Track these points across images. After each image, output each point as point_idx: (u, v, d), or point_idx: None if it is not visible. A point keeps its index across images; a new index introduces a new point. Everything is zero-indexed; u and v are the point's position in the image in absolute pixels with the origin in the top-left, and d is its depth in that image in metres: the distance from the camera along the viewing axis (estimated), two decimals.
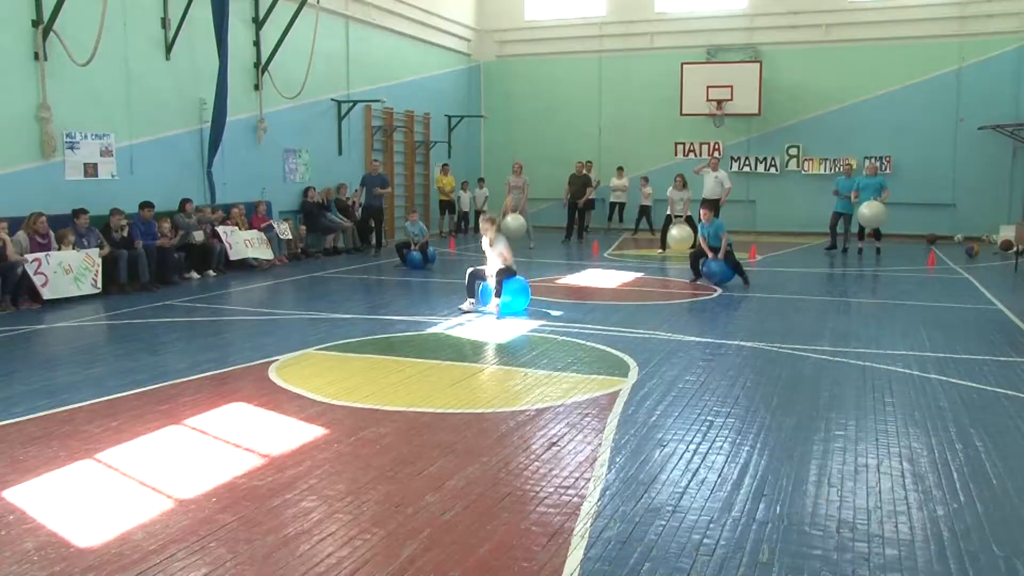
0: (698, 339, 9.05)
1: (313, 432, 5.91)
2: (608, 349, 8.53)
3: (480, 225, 11.19)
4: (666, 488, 4.85)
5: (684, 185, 18.17)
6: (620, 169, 23.08)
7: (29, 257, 11.53)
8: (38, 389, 7.17)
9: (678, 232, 17.62)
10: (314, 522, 4.39)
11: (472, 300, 10.83)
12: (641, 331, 9.46)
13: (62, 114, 12.76)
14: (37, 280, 11.57)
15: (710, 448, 5.56)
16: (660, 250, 18.16)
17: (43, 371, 7.95)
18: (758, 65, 22.10)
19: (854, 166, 20.54)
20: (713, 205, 18.47)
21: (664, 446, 5.60)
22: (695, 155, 22.69)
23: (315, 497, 4.72)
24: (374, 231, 18.83)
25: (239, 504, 4.64)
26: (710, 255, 12.96)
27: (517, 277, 10.78)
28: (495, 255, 10.81)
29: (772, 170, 22.94)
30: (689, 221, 17.69)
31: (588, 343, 8.78)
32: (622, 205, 23.35)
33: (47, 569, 3.91)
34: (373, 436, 5.81)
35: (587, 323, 9.85)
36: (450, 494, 4.75)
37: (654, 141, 23.61)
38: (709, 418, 6.23)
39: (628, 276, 14.34)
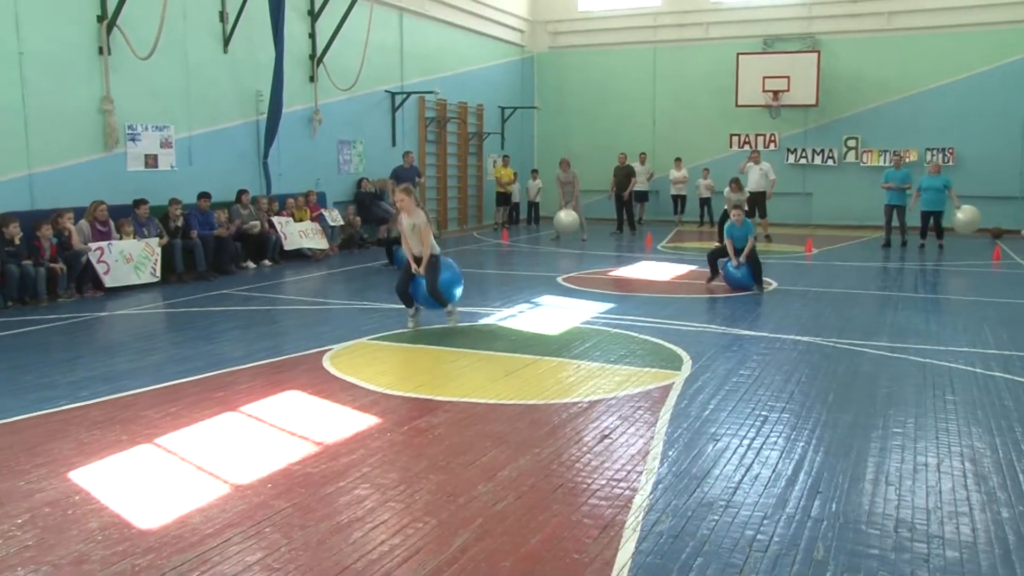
0: (752, 333, 8.95)
1: (366, 421, 5.96)
2: (661, 342, 8.47)
3: (395, 197, 9.22)
4: (719, 483, 4.81)
5: (740, 188, 17.94)
6: (678, 161, 22.81)
7: (92, 246, 11.82)
8: (101, 375, 7.35)
9: None
10: (367, 510, 4.43)
11: (411, 311, 9.23)
12: (695, 324, 9.38)
13: (124, 107, 13.03)
14: (99, 268, 11.86)
15: (764, 443, 5.50)
16: (717, 244, 17.96)
17: (106, 357, 8.14)
18: (816, 55, 21.75)
19: (904, 159, 20.11)
20: (759, 198, 18.29)
21: (717, 440, 5.54)
22: (750, 147, 22.36)
23: (368, 485, 4.76)
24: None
25: (294, 490, 4.70)
26: (735, 261, 11.77)
27: (446, 272, 9.22)
28: (414, 235, 9.01)
29: (829, 162, 22.55)
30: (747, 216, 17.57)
31: (641, 336, 8.73)
32: (683, 198, 23.03)
33: (110, 548, 4.00)
34: (426, 426, 5.85)
35: (640, 316, 9.79)
36: (502, 484, 4.76)
37: (709, 133, 23.37)
38: (763, 413, 6.15)
39: (682, 269, 14.23)
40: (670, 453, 5.29)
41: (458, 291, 9.46)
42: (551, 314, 10.05)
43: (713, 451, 5.34)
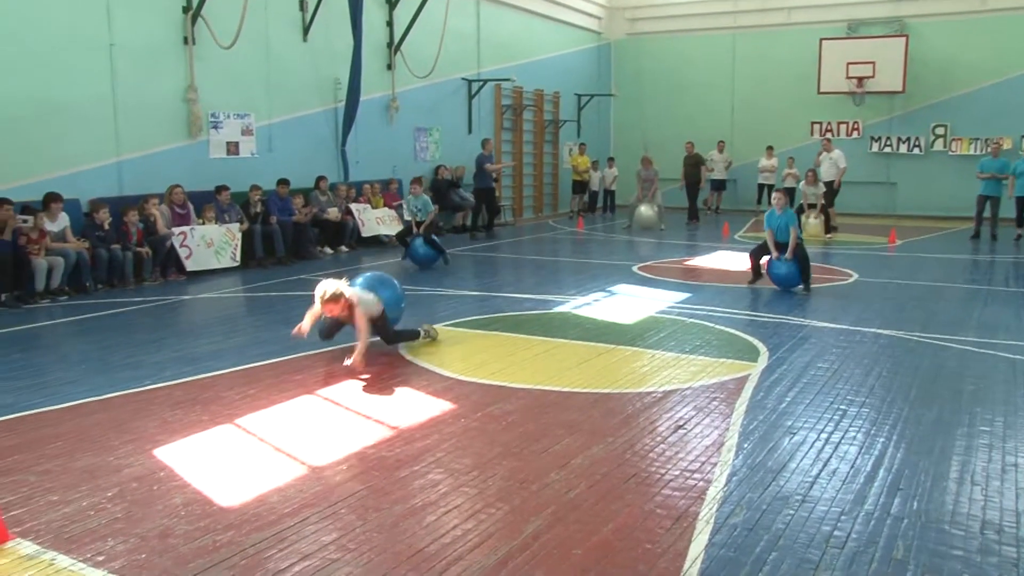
0: (832, 325, 8.76)
1: (441, 406, 6.02)
2: (737, 333, 8.36)
3: (322, 307, 7.00)
4: (795, 477, 4.73)
5: (816, 180, 17.57)
6: (769, 149, 22.10)
7: (176, 231, 12.15)
8: (183, 356, 7.56)
9: (813, 221, 17.18)
10: (440, 494, 4.47)
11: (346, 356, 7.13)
12: (772, 315, 9.23)
13: (207, 95, 13.33)
14: (182, 253, 12.19)
15: (843, 438, 5.38)
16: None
17: (188, 339, 8.37)
18: (903, 39, 21.09)
19: (1003, 146, 19.35)
20: (828, 187, 17.84)
21: (794, 434, 5.45)
22: (832, 135, 21.82)
23: (442, 470, 4.81)
24: (486, 212, 18.72)
25: (368, 473, 4.78)
26: (775, 253, 10.73)
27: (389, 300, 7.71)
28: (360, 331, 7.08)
29: (916, 150, 21.88)
30: (823, 211, 17.21)
31: (717, 326, 8.63)
32: (771, 187, 21.86)
33: (193, 524, 4.12)
34: (499, 412, 5.88)
35: (716, 306, 9.67)
36: (575, 473, 4.76)
37: (789, 120, 22.85)
38: (842, 407, 6.02)
39: (760, 259, 13.97)
40: (745, 445, 5.23)
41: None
42: (626, 303, 9.99)
43: (789, 444, 5.25)
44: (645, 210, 18.74)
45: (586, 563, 3.71)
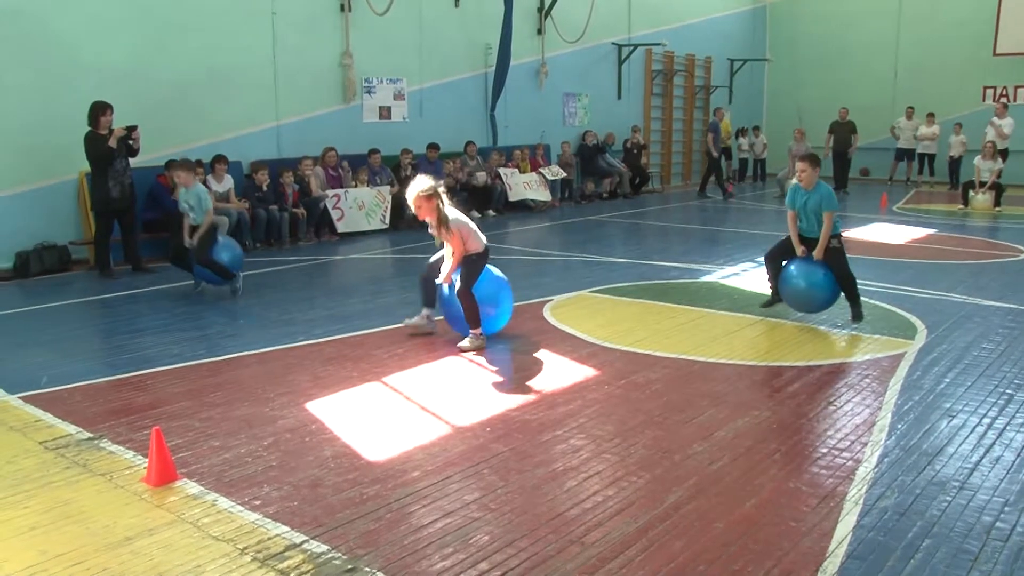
0: (998, 304, 8.24)
1: (584, 372, 6.02)
2: (893, 308, 7.98)
3: (413, 205, 6.60)
4: (953, 462, 4.49)
5: (994, 153, 16.46)
6: (930, 116, 20.73)
7: (329, 193, 12.57)
8: (334, 315, 7.84)
9: (982, 197, 16.19)
10: (582, 459, 4.48)
11: (428, 312, 7.13)
12: (932, 292, 8.76)
13: (362, 61, 13.68)
14: (334, 214, 12.61)
15: (1008, 424, 5.06)
16: (961, 206, 16.65)
17: (339, 298, 8.67)
18: None
19: None
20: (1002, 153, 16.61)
21: (953, 417, 5.17)
22: (1008, 100, 20.39)
23: (584, 436, 4.81)
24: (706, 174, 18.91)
25: (511, 435, 4.83)
26: (800, 251, 7.40)
27: (490, 279, 6.98)
28: (446, 249, 6.80)
29: None
30: (996, 188, 16.15)
31: (871, 301, 8.25)
32: (931, 156, 20.89)
33: (342, 476, 4.28)
34: (643, 381, 5.83)
35: (871, 280, 9.24)
36: (718, 445, 4.68)
37: (959, 85, 21.51)
38: (1008, 391, 5.66)
39: (919, 232, 13.31)
40: (899, 426, 5.00)
41: (492, 314, 6.91)
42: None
43: (948, 428, 4.99)
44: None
45: (727, 537, 3.65)
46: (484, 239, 6.82)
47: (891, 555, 3.51)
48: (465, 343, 6.62)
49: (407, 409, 5.32)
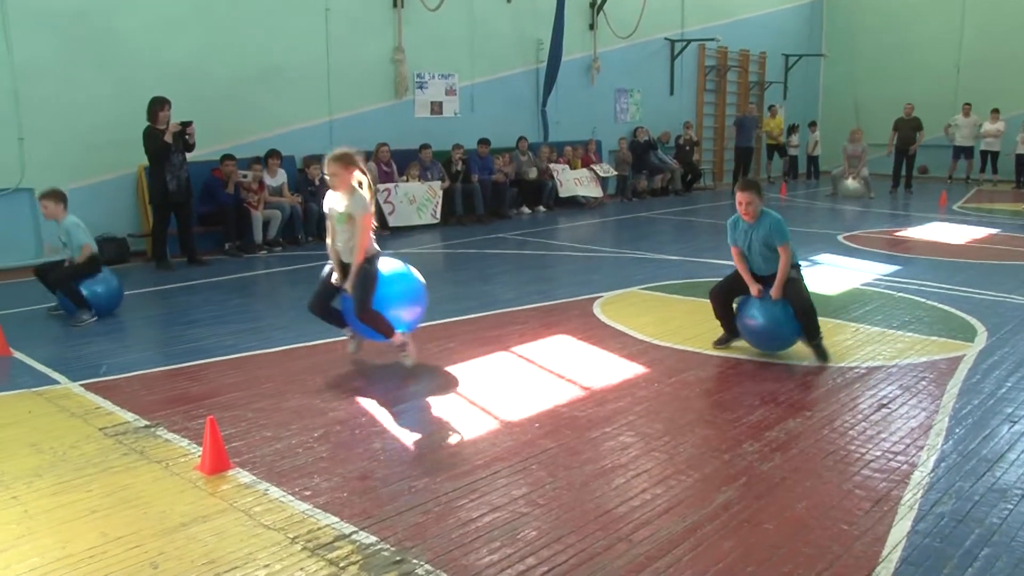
0: None
1: (634, 369, 5.99)
2: (951, 310, 7.81)
3: (327, 169, 5.96)
4: (1015, 469, 4.37)
5: None
6: (995, 112, 20.11)
7: (380, 187, 12.66)
8: None
9: None
10: (631, 457, 4.46)
11: (348, 330, 6.26)
12: (993, 293, 8.56)
13: (414, 57, 13.76)
14: (385, 209, 12.70)
15: None
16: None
17: None
18: None
19: None
20: None
21: (1015, 422, 5.04)
22: None
23: (633, 433, 4.79)
24: (744, 171, 18.82)
25: (560, 432, 4.83)
26: (754, 290, 6.21)
27: (391, 285, 6.02)
28: (345, 225, 5.92)
29: None
30: None
31: (928, 302, 8.10)
32: (995, 154, 20.20)
33: (391, 468, 4.32)
34: (693, 379, 5.79)
35: (929, 280, 9.07)
36: (769, 445, 4.62)
37: None
38: None
39: (980, 232, 13.00)
40: (957, 430, 4.89)
41: (409, 314, 6.13)
42: (829, 273, 9.55)
43: (1009, 433, 4.87)
44: (851, 183, 17.77)
45: (777, 539, 3.61)
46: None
47: (948, 562, 3.44)
48: (404, 361, 5.94)
49: (456, 403, 5.34)
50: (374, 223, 5.99)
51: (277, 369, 6.02)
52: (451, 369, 6.01)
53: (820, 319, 6.23)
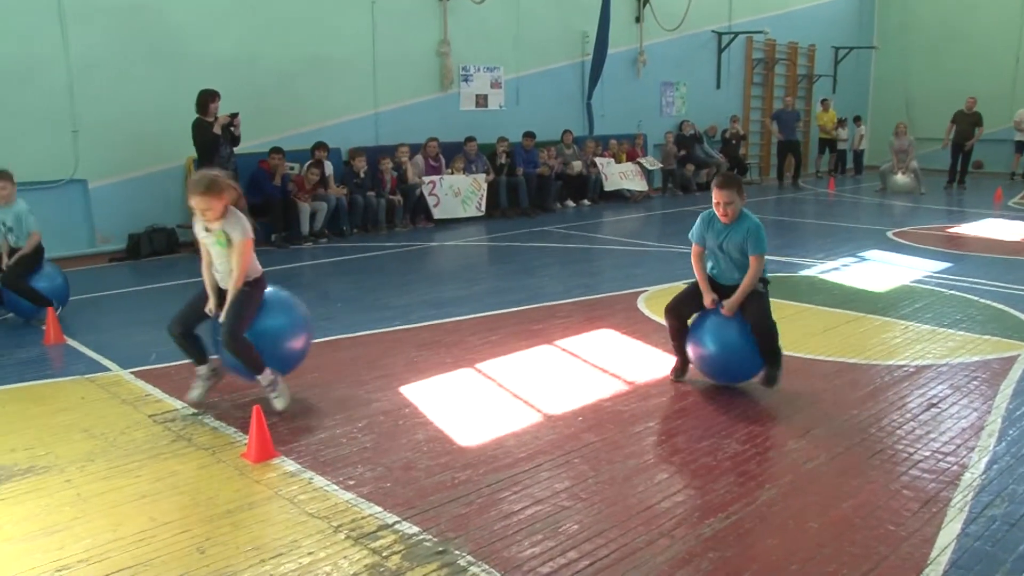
0: None
1: None
2: (1006, 308, 7.64)
3: (194, 204, 4.85)
4: None
5: None
6: None
7: (425, 179, 12.71)
8: (429, 300, 7.93)
9: None
10: (674, 452, 4.43)
11: (204, 370, 5.18)
12: None
13: (459, 49, 13.78)
14: (430, 201, 12.76)
15: None
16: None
17: (434, 284, 8.77)
18: None
19: None
20: None
21: None
22: None
23: (676, 428, 4.76)
24: (794, 165, 18.56)
25: (603, 426, 4.81)
26: (708, 299, 5.38)
27: (274, 317, 5.16)
28: (225, 249, 4.97)
29: None
30: None
31: (982, 300, 7.94)
32: None
33: (434, 460, 4.34)
34: None
35: (982, 278, 8.89)
36: (814, 443, 4.57)
37: None
38: None
39: None
40: (1010, 432, 4.79)
41: (290, 347, 5.24)
42: (878, 270, 9.41)
43: None
44: (900, 179, 17.46)
45: (822, 537, 3.56)
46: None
47: (999, 567, 3.37)
48: (275, 403, 5.00)
49: (500, 396, 5.35)
50: (253, 248, 5.06)
51: (322, 359, 6.07)
52: (494, 362, 6.02)
53: (867, 316, 6.12)
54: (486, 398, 5.31)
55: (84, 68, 10.00)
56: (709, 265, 5.55)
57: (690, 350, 5.46)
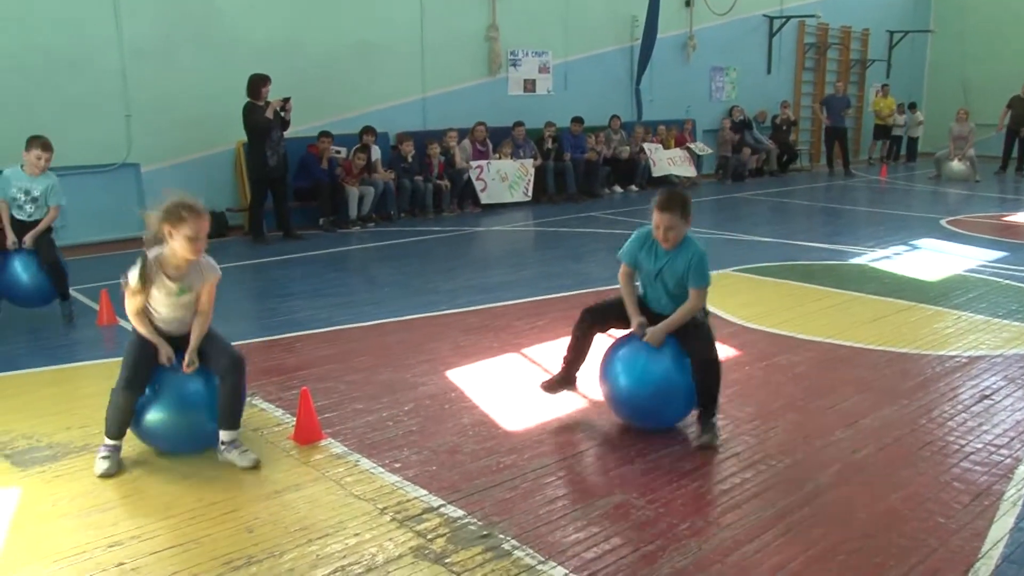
0: None
1: (725, 352, 5.84)
2: None
3: (200, 230, 4.00)
4: None
5: None
6: None
7: (473, 164, 12.73)
8: (476, 285, 7.95)
9: None
10: (720, 439, 4.40)
11: (112, 446, 4.11)
12: None
13: (508, 34, 13.74)
14: (477, 186, 12.77)
15: None
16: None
17: (481, 269, 8.80)
18: None
19: None
20: None
21: None
22: None
23: (722, 416, 4.71)
24: (842, 152, 18.25)
25: None
26: (636, 322, 4.58)
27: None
28: (180, 301, 4.25)
29: None
30: None
31: None
32: None
33: (480, 444, 4.36)
34: (786, 363, 5.68)
35: None
36: (863, 433, 4.51)
37: None
38: None
39: None
40: None
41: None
42: (931, 258, 9.24)
43: None
44: (956, 165, 17.09)
45: (870, 528, 3.52)
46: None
47: None
48: (239, 461, 4.09)
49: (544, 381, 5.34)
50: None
51: (369, 343, 6.13)
52: (541, 347, 6.03)
53: (919, 305, 6.00)
54: (532, 383, 5.31)
55: (135, 53, 10.15)
56: (648, 295, 4.72)
57: (601, 383, 4.64)
